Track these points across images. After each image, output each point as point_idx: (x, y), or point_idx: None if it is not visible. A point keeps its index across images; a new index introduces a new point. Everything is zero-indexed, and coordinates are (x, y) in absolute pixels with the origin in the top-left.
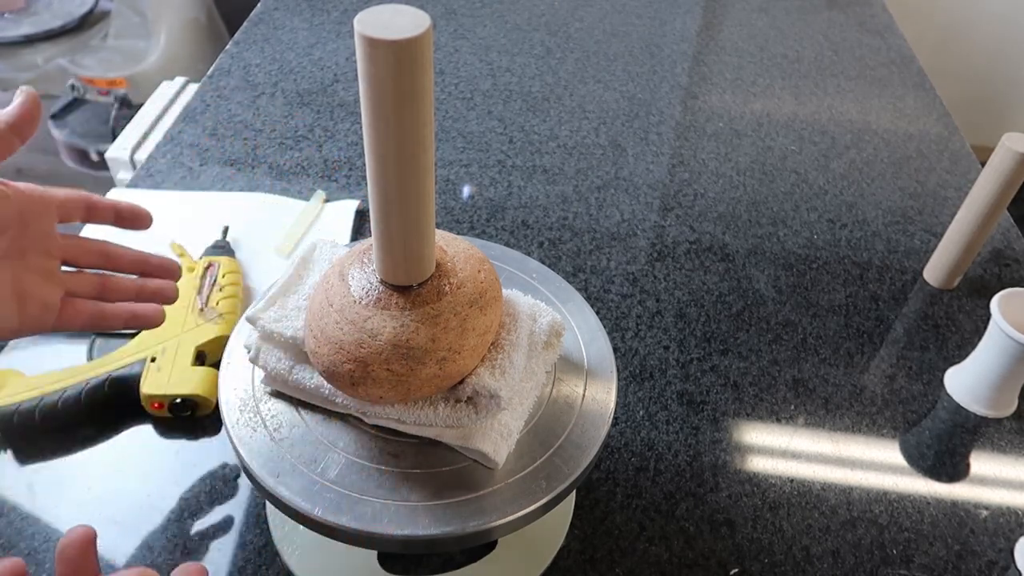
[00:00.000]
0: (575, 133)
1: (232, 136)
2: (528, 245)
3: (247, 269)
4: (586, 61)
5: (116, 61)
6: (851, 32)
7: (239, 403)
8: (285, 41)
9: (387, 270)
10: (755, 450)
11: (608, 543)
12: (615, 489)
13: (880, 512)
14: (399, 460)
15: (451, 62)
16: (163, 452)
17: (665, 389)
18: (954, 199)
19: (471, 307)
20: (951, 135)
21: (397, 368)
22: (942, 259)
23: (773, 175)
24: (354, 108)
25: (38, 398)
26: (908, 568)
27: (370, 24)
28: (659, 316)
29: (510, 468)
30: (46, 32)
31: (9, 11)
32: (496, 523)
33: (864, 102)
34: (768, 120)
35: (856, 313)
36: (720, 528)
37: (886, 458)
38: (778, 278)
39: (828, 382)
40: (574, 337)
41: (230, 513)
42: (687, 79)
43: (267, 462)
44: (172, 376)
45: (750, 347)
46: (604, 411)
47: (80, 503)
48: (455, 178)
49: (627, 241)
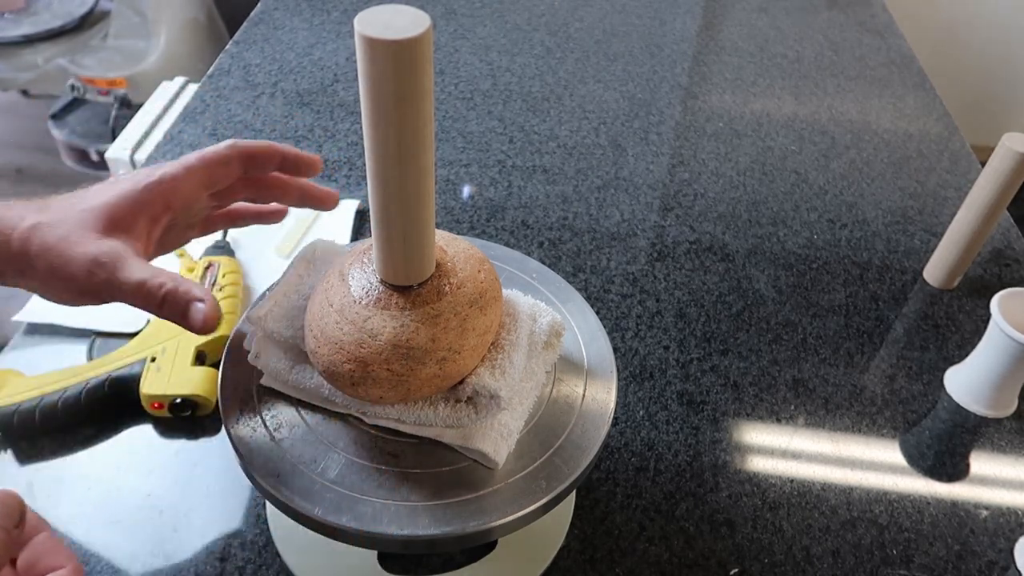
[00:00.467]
0: (575, 133)
1: (232, 136)
2: (528, 245)
3: (247, 269)
4: (586, 61)
5: (116, 61)
6: (851, 32)
7: (239, 403)
8: (285, 41)
9: (387, 270)
10: (755, 450)
11: (608, 543)
12: (615, 489)
13: (880, 512)
14: (399, 460)
15: (451, 62)
16: (163, 452)
17: (665, 389)
18: (954, 199)
19: (471, 307)
20: (951, 135)
21: (397, 368)
22: (942, 259)
23: (773, 175)
24: (354, 108)
25: (38, 398)
26: (908, 568)
27: (370, 24)
28: (659, 316)
29: (510, 468)
30: (46, 32)
31: (9, 11)
32: (496, 523)
33: (864, 102)
34: (768, 120)
35: (856, 313)
36: (720, 528)
37: (886, 458)
38: (778, 278)
39: (828, 382)
40: (574, 337)
41: (230, 513)
42: (687, 79)
43: (267, 462)
44: (172, 376)
45: (750, 347)
46: (604, 411)
47: (80, 503)
48: (455, 178)
49: (627, 241)
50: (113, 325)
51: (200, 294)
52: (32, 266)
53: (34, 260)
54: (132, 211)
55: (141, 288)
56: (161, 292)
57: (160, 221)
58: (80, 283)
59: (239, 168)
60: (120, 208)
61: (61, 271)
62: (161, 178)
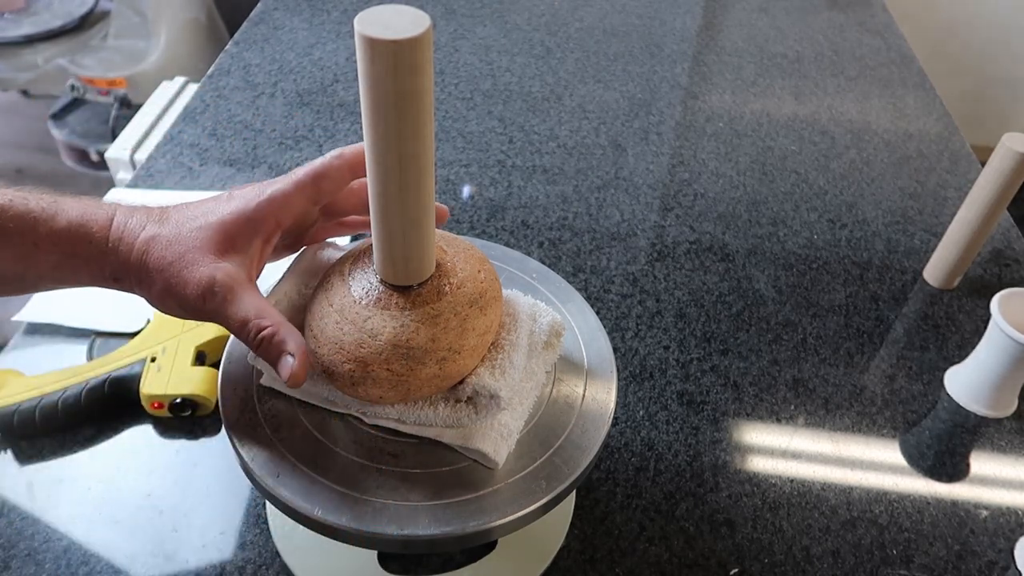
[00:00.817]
0: (575, 133)
1: (232, 136)
2: (528, 245)
3: None
4: (586, 61)
5: (116, 61)
6: (851, 32)
7: (239, 403)
8: (285, 41)
9: (387, 270)
10: (755, 450)
11: (608, 543)
12: (615, 489)
13: (880, 512)
14: (399, 460)
15: (451, 62)
16: (163, 452)
17: (665, 389)
18: (954, 199)
19: (471, 307)
20: (951, 135)
21: (397, 368)
22: (942, 259)
23: (773, 175)
24: (354, 108)
25: (38, 398)
26: (908, 568)
27: (370, 24)
28: (659, 316)
29: (510, 468)
30: (46, 32)
31: (9, 11)
32: (496, 523)
33: (864, 102)
34: (768, 120)
35: (856, 313)
36: (720, 528)
37: (886, 458)
38: (778, 278)
39: (828, 382)
40: (574, 337)
41: (230, 513)
42: (687, 79)
43: (267, 462)
44: (172, 376)
45: (750, 347)
46: (604, 411)
47: (80, 503)
48: (455, 178)
49: (627, 241)
50: (113, 325)
51: (293, 348)
52: (151, 280)
53: (152, 275)
54: (245, 231)
55: (244, 326)
56: (260, 336)
57: (272, 241)
58: (192, 305)
59: (348, 178)
60: (234, 228)
61: (176, 291)
62: (272, 196)
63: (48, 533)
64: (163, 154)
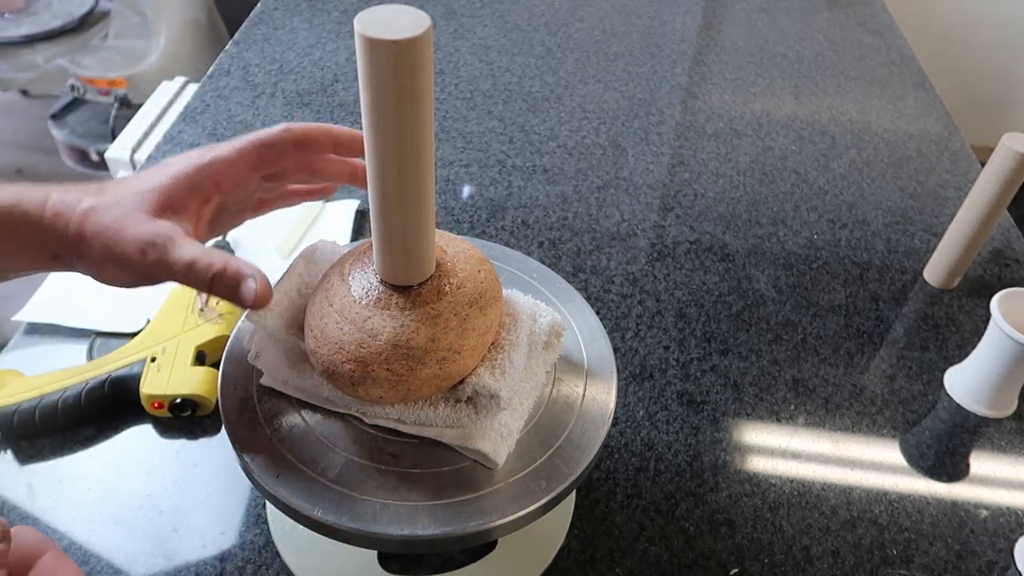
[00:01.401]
0: (575, 133)
1: (232, 136)
2: (528, 245)
3: None
4: (586, 61)
5: (116, 61)
6: (851, 32)
7: (239, 403)
8: (285, 41)
9: (387, 270)
10: (755, 450)
11: (608, 543)
12: (615, 489)
13: (880, 512)
14: (399, 460)
15: (451, 62)
16: (163, 452)
17: (665, 389)
18: (954, 199)
19: (471, 307)
20: (951, 135)
21: (397, 368)
22: (942, 259)
23: (773, 175)
24: (354, 108)
25: (38, 398)
26: (908, 568)
27: (370, 24)
28: (659, 316)
29: (510, 468)
30: (46, 32)
31: (9, 11)
32: (496, 523)
33: (864, 102)
34: (768, 120)
35: (856, 313)
36: (720, 528)
37: (886, 458)
38: (778, 278)
39: (828, 382)
40: (574, 337)
41: (230, 513)
42: (687, 79)
43: (267, 462)
44: (172, 376)
45: (750, 347)
46: (604, 411)
47: (80, 503)
48: (455, 178)
49: (627, 241)
50: (113, 325)
51: (250, 271)
52: (90, 248)
53: (91, 242)
54: (183, 193)
55: (191, 268)
56: (211, 272)
57: (210, 202)
58: (133, 264)
59: (292, 152)
60: (172, 190)
61: (115, 252)
62: (212, 160)
63: (48, 533)
64: (163, 154)
